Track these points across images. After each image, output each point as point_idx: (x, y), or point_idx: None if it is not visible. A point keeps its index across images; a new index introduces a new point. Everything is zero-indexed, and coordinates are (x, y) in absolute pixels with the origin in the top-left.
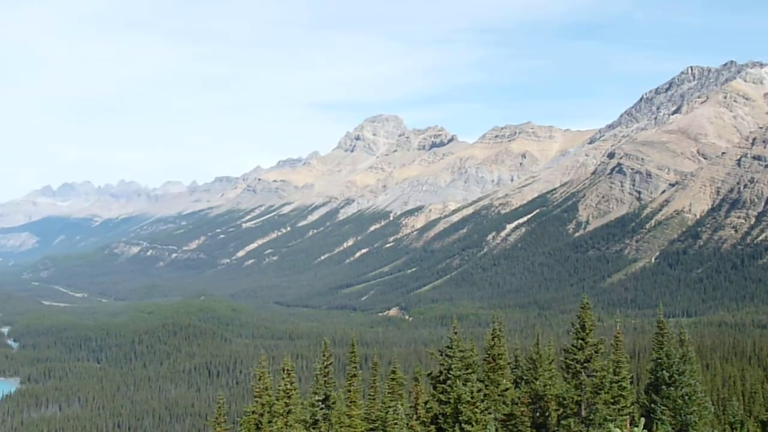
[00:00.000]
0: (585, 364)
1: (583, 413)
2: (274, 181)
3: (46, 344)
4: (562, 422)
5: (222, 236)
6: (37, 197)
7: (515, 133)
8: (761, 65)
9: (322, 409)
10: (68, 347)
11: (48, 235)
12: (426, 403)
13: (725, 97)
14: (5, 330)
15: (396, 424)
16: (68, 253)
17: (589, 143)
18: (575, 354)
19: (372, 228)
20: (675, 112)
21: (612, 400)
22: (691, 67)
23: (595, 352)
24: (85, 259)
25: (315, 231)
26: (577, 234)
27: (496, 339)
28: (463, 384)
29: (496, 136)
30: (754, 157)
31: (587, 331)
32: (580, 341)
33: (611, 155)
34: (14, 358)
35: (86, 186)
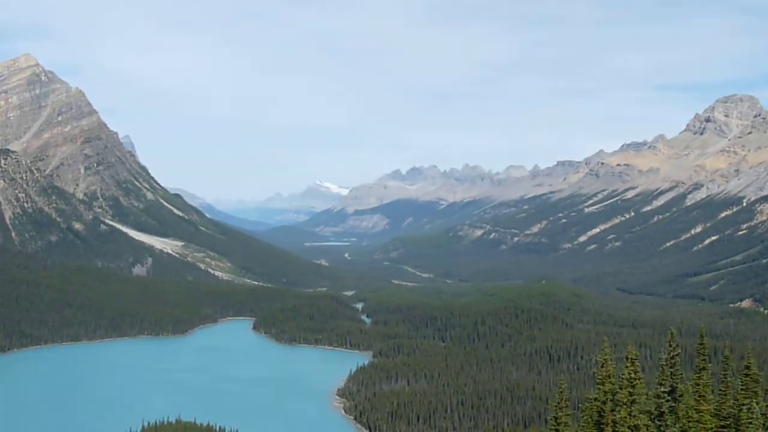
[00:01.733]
0: None
1: None
2: (617, 165)
3: (395, 321)
4: None
5: (564, 221)
6: (387, 181)
7: None
8: None
9: (668, 401)
10: (416, 325)
11: (397, 217)
12: None
13: None
14: (359, 306)
15: (750, 423)
16: (416, 235)
17: None
18: None
19: (722, 214)
20: None
21: None
22: None
23: None
24: (431, 240)
25: (660, 217)
26: None
27: None
28: None
29: None
30: None
31: None
32: None
33: None
34: (367, 333)
35: (432, 170)
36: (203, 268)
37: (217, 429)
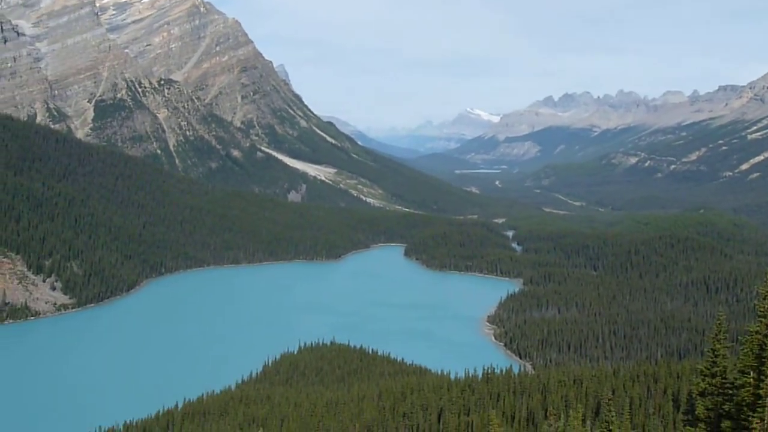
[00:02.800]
0: None
1: None
2: None
3: (546, 249)
4: None
5: (724, 148)
6: (539, 108)
7: None
8: None
9: None
10: (567, 253)
11: (548, 144)
12: None
13: None
14: (510, 234)
15: None
16: (567, 163)
17: None
18: None
19: None
20: None
21: None
22: None
23: None
24: (584, 168)
25: None
26: None
27: None
28: None
29: None
30: None
31: None
32: None
33: None
34: (518, 260)
35: (585, 97)
36: (355, 194)
37: (370, 351)
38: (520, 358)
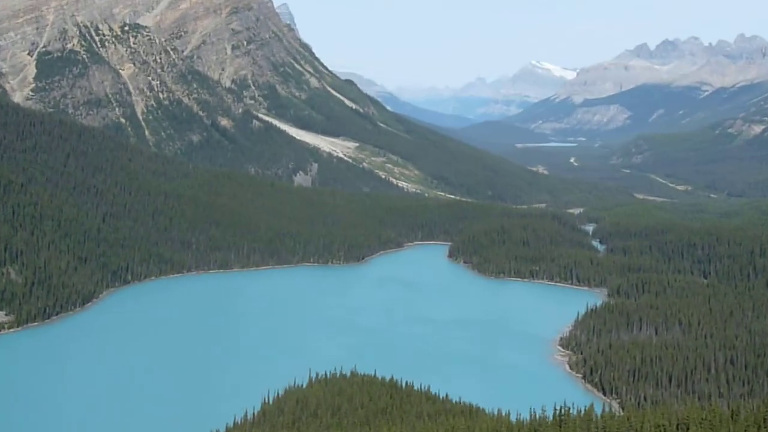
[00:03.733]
0: None
1: None
2: None
3: (638, 249)
4: None
5: None
6: (629, 59)
7: None
8: None
9: None
10: (666, 254)
11: (642, 108)
12: None
13: None
14: (590, 229)
15: None
16: (668, 133)
17: None
18: None
19: None
20: None
21: None
22: None
23: None
24: (690, 140)
25: None
26: None
27: None
28: None
29: None
30: None
31: None
32: None
33: None
34: (600, 264)
35: (692, 44)
36: (383, 176)
37: (403, 384)
38: (604, 394)
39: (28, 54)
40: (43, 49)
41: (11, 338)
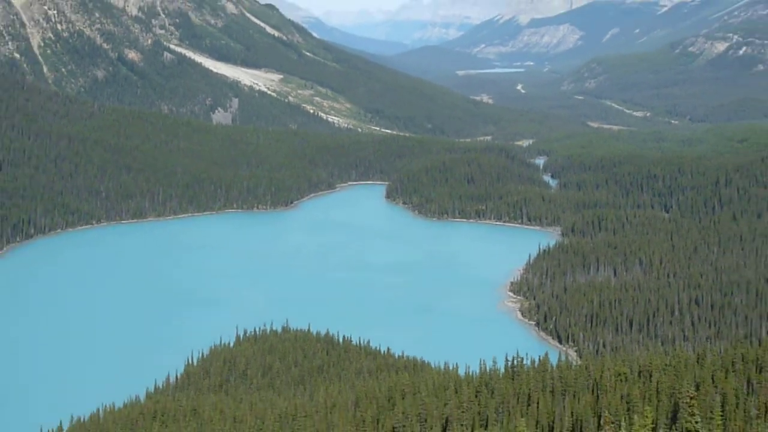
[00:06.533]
0: None
1: None
2: None
3: (593, 183)
4: None
5: None
6: None
7: None
8: None
9: None
10: (624, 188)
11: (594, 27)
12: None
13: None
14: (540, 162)
15: None
16: (623, 54)
17: None
18: None
19: None
20: None
21: None
22: None
23: None
24: (647, 61)
25: None
26: None
27: None
28: None
29: None
30: None
31: None
32: None
33: None
34: (553, 201)
35: None
36: (312, 111)
37: (340, 339)
38: (560, 342)
39: None
40: None
41: None
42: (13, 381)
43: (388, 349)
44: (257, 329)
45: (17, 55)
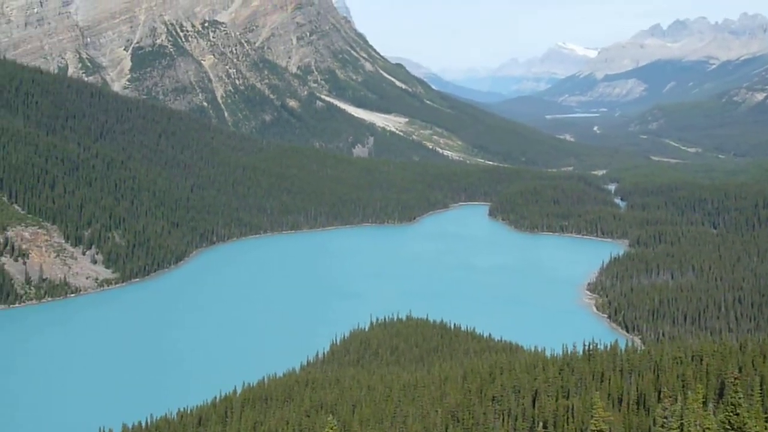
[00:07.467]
0: None
1: None
2: None
3: (655, 205)
4: None
5: None
6: (644, 38)
7: None
8: None
9: None
10: (680, 209)
11: (656, 81)
12: None
13: None
14: (612, 187)
15: None
16: (679, 102)
17: None
18: None
19: None
20: None
21: None
22: None
23: None
24: (699, 108)
25: None
26: None
27: None
28: None
29: None
30: None
31: None
32: None
33: None
34: (622, 218)
35: (700, 23)
36: (430, 147)
37: (452, 326)
38: (627, 331)
39: (124, 49)
40: (137, 45)
41: (118, 292)
42: (203, 351)
43: (490, 334)
44: (387, 317)
45: (205, 104)
